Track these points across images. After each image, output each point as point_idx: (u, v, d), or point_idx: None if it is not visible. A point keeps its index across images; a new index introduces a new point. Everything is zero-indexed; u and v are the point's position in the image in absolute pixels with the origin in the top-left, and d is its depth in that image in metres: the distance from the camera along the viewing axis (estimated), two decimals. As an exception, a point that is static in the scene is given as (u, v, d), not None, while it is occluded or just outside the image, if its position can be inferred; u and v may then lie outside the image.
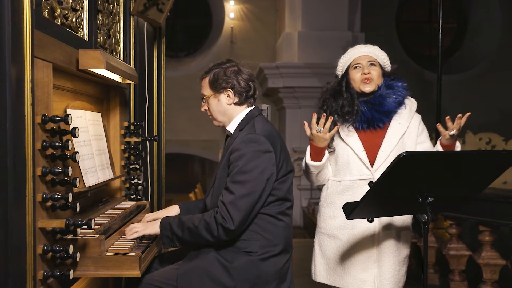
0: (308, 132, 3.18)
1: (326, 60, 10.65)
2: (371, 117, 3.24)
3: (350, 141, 3.26)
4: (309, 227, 9.74)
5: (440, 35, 6.17)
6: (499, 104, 12.82)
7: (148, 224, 2.94)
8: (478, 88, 13.27)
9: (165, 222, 2.90)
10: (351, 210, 2.63)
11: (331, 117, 3.15)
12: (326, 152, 3.29)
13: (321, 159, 3.27)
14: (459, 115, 3.09)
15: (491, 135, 9.25)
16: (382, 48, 3.41)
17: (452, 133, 3.10)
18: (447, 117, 3.10)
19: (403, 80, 3.36)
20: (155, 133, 4.38)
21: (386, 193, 2.54)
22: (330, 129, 3.15)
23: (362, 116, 3.25)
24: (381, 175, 2.43)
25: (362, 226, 3.21)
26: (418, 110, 3.34)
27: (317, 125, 3.14)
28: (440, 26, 6.17)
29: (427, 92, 12.02)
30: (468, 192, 2.70)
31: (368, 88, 3.25)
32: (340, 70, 3.40)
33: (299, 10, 11.37)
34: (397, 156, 2.30)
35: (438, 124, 3.14)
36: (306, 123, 3.18)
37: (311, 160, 3.28)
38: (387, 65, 3.37)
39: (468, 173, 2.52)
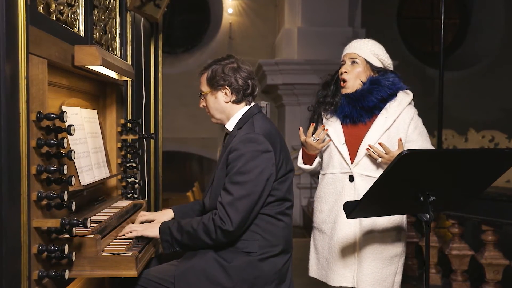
0: (302, 138, 3.29)
1: (326, 57, 10.63)
2: (350, 112, 3.28)
3: (332, 133, 3.31)
4: (308, 226, 9.72)
5: (442, 31, 6.17)
6: (502, 101, 12.82)
7: (147, 226, 2.95)
8: (480, 85, 13.27)
9: (165, 226, 2.91)
10: (351, 209, 2.63)
11: (327, 129, 3.29)
12: (317, 157, 3.42)
13: (312, 163, 3.42)
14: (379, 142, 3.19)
15: (494, 133, 9.27)
16: (383, 44, 3.40)
17: (378, 161, 3.18)
18: (366, 148, 3.19)
19: (397, 74, 3.34)
20: (152, 131, 4.38)
21: (387, 191, 2.55)
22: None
23: (342, 111, 3.30)
24: (382, 173, 2.44)
25: (343, 221, 3.23)
26: (420, 107, 3.33)
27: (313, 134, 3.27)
28: (442, 22, 6.16)
29: (429, 89, 12.04)
30: (471, 191, 2.70)
31: (345, 90, 3.32)
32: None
33: (299, 5, 11.35)
34: (399, 154, 2.31)
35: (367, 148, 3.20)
36: (301, 129, 3.31)
37: (303, 163, 3.45)
38: (384, 60, 3.35)
39: (470, 172, 2.52)
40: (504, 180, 7.57)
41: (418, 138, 3.26)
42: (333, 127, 3.32)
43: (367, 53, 3.33)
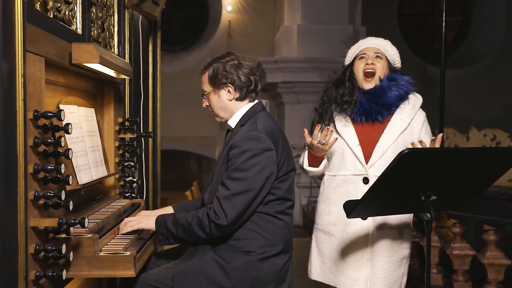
0: (308, 140, 3.22)
1: (326, 54, 10.66)
2: (369, 108, 3.23)
3: (345, 133, 3.26)
4: (308, 226, 9.72)
5: (444, 28, 6.17)
6: (504, 99, 12.83)
7: (143, 218, 2.96)
8: (482, 83, 13.29)
9: (160, 219, 2.93)
10: (352, 209, 2.63)
11: (332, 130, 3.20)
12: (325, 159, 3.35)
13: (319, 165, 3.35)
14: (420, 140, 3.10)
15: (495, 131, 9.26)
16: None
17: None
18: (412, 142, 3.16)
19: (410, 75, 3.35)
20: (150, 130, 4.38)
21: (388, 191, 2.54)
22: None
23: (360, 107, 3.24)
24: (383, 172, 2.43)
25: (356, 223, 3.21)
26: (421, 105, 3.33)
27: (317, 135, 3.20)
28: (444, 19, 6.16)
29: (430, 87, 12.03)
30: (472, 190, 2.70)
31: (368, 86, 3.25)
32: (348, 61, 3.42)
33: (299, 2, 11.36)
34: (400, 152, 2.30)
35: (411, 143, 3.16)
36: (306, 131, 3.24)
37: (309, 165, 3.37)
38: (397, 62, 3.37)
39: (472, 171, 2.52)
40: (506, 179, 7.57)
41: (428, 141, 3.26)
42: (346, 127, 3.28)
43: (389, 52, 3.35)
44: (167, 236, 2.90)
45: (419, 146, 3.09)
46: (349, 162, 3.25)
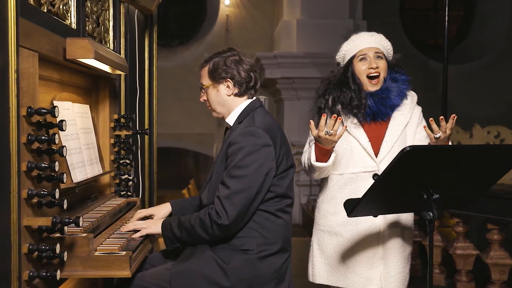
0: (314, 133, 3.06)
1: (326, 50, 10.61)
2: (378, 110, 3.24)
3: (355, 132, 3.26)
4: (308, 225, 9.67)
5: (446, 23, 6.17)
6: (508, 95, 12.82)
7: (151, 223, 3.00)
8: (486, 79, 13.27)
9: (166, 223, 2.97)
10: (353, 208, 2.62)
11: (340, 117, 3.04)
12: (333, 152, 3.17)
13: (327, 160, 3.16)
14: (441, 117, 3.03)
15: (499, 128, 9.22)
16: (385, 37, 3.41)
17: (437, 135, 3.03)
18: (431, 119, 3.07)
19: (406, 72, 3.38)
20: (146, 126, 4.37)
21: (390, 189, 2.55)
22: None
23: (368, 110, 3.24)
24: (384, 170, 2.43)
25: (367, 222, 3.21)
26: (423, 101, 3.36)
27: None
28: (446, 13, 6.16)
29: (432, 82, 12.05)
30: (476, 188, 2.70)
31: (374, 88, 3.26)
32: (341, 58, 3.40)
33: (298, -4, 11.35)
34: (401, 150, 2.30)
35: (431, 119, 3.08)
36: (312, 123, 3.08)
37: (316, 161, 3.17)
38: (390, 55, 3.40)
39: (475, 169, 2.52)
40: (510, 177, 7.55)
41: (422, 130, 3.24)
42: (354, 126, 3.27)
43: (385, 47, 3.36)
44: (173, 240, 2.93)
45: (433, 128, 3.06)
46: (358, 159, 3.24)
